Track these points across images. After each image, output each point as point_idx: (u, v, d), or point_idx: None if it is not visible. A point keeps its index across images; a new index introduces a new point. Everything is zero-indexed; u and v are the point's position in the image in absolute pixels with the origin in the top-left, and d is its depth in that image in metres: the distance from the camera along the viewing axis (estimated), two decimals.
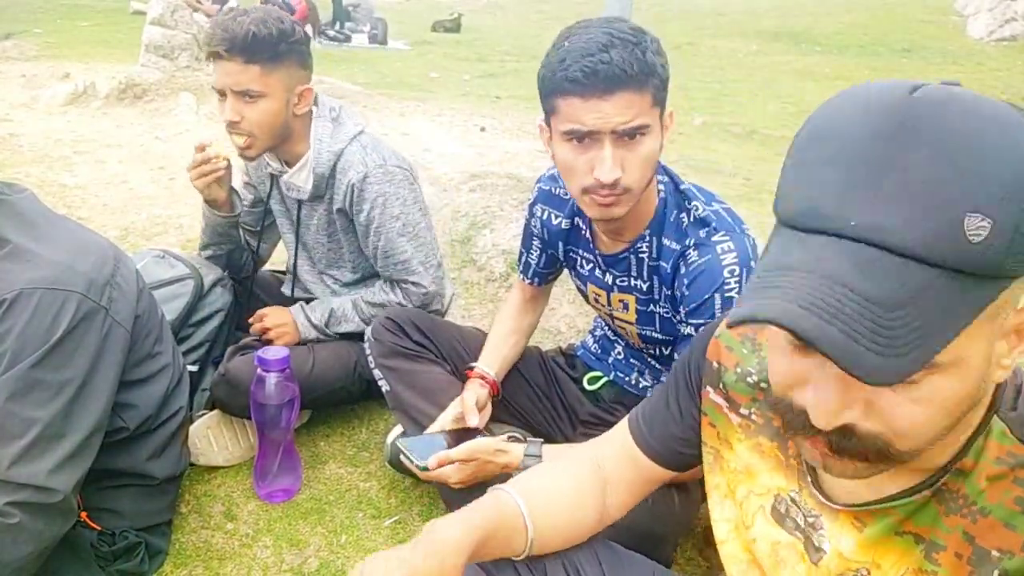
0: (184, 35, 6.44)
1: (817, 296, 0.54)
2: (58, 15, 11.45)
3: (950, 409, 0.60)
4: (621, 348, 1.70)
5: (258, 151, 1.79)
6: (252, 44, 1.66)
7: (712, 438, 0.93)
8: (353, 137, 1.83)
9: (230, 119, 1.72)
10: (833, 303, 0.53)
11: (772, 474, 0.85)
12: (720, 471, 0.93)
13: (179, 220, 3.49)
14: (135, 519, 1.49)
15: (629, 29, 1.22)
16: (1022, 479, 0.63)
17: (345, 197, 1.82)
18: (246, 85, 1.69)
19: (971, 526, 0.65)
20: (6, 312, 1.21)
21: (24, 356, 1.21)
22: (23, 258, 1.25)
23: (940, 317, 0.53)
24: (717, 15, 14.72)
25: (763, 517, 0.86)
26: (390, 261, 1.85)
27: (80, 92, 5.85)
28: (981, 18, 11.67)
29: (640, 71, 1.20)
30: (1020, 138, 0.54)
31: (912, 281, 0.53)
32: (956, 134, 0.54)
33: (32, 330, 1.21)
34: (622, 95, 1.20)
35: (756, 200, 4.17)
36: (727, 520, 0.92)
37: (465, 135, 5.09)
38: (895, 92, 0.58)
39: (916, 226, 0.53)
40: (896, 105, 0.56)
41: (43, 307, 1.22)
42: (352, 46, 10.44)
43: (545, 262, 1.70)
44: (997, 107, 0.57)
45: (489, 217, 3.20)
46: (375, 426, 2.06)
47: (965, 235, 0.52)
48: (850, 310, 0.53)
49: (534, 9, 15.87)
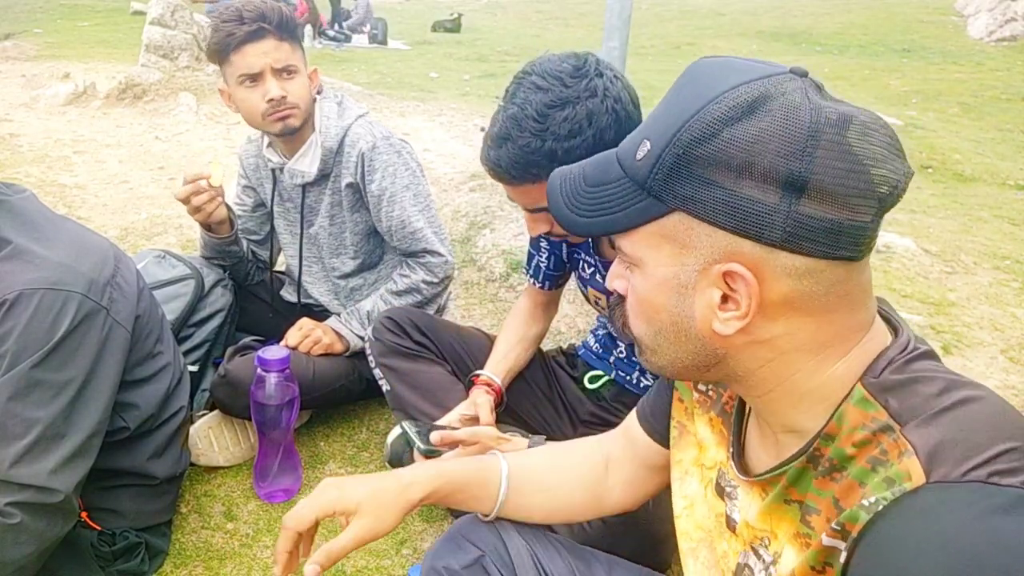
0: (184, 35, 6.45)
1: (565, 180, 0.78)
2: (58, 15, 11.45)
3: (648, 313, 0.73)
4: (623, 347, 1.70)
5: (300, 120, 1.82)
6: (283, 22, 1.73)
7: (680, 412, 0.96)
8: (359, 115, 1.89)
9: (277, 95, 1.74)
10: (569, 186, 0.76)
11: (717, 448, 0.88)
12: (683, 447, 0.94)
13: (179, 220, 3.49)
14: (135, 519, 1.49)
15: (536, 111, 1.19)
16: (882, 443, 0.64)
17: (356, 168, 1.85)
18: (286, 60, 1.75)
19: (839, 490, 0.67)
20: (7, 312, 1.21)
21: (25, 356, 1.21)
22: (24, 258, 1.25)
23: (618, 206, 0.70)
24: (717, 15, 14.72)
25: (711, 490, 0.88)
26: (406, 231, 1.87)
27: (80, 92, 5.86)
28: (981, 18, 11.67)
29: (529, 165, 1.22)
30: (706, 91, 0.66)
31: (611, 173, 0.72)
32: (688, 83, 0.69)
33: (33, 330, 1.21)
34: (519, 187, 1.26)
35: None
36: (684, 496, 0.93)
37: (465, 135, 5.10)
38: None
39: (629, 141, 0.73)
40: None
41: (44, 307, 1.22)
42: (352, 46, 10.45)
43: (554, 263, 1.70)
44: (734, 66, 0.68)
45: (489, 217, 3.20)
46: (375, 426, 2.06)
47: (635, 152, 0.70)
48: (573, 187, 0.76)
49: (534, 9, 15.87)
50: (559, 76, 1.20)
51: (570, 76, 1.20)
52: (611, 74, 1.23)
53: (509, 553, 0.99)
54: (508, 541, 1.01)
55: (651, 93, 8.43)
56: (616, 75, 1.24)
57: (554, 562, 1.01)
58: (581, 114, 1.19)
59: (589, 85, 1.19)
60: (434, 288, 1.92)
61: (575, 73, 1.20)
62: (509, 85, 1.25)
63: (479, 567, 0.98)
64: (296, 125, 1.81)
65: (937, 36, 11.68)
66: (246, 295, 2.18)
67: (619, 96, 1.21)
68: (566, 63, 1.22)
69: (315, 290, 2.10)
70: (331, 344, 1.91)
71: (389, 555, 1.61)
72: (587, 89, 1.19)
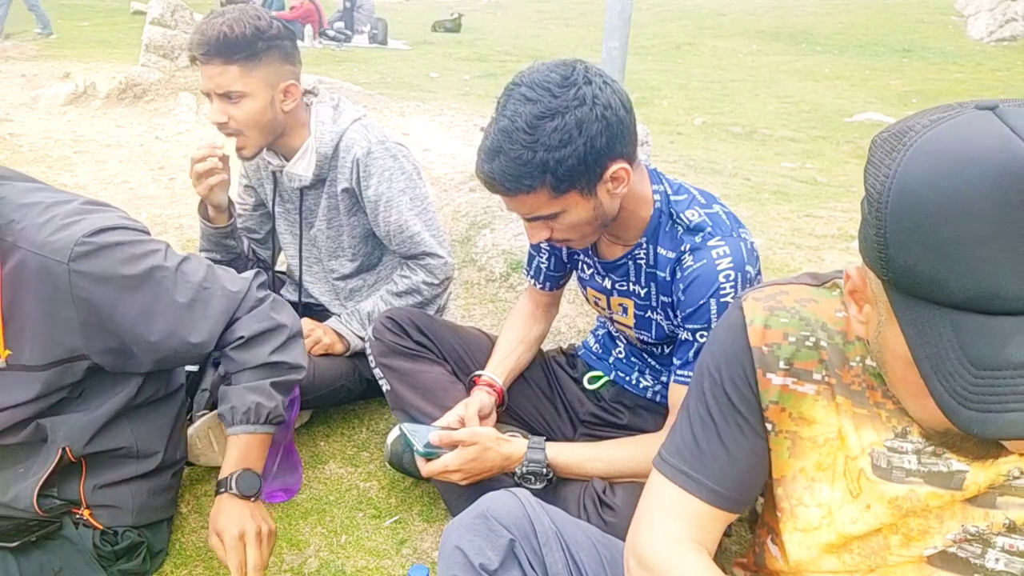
0: (184, 35, 6.45)
1: None
2: (58, 15, 11.45)
3: None
4: (623, 347, 1.70)
5: (253, 150, 1.80)
6: (226, 45, 1.66)
7: (786, 422, 0.89)
8: (354, 120, 1.87)
9: (216, 120, 1.73)
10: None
11: (859, 432, 0.84)
12: (803, 453, 0.89)
13: (179, 220, 3.49)
14: (138, 515, 1.49)
15: (526, 123, 1.20)
16: None
17: (351, 173, 1.84)
18: (227, 86, 1.69)
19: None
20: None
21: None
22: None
23: None
24: (717, 15, 14.73)
25: (866, 480, 0.84)
26: (404, 236, 1.87)
27: (80, 92, 5.86)
28: (981, 18, 11.68)
29: (521, 177, 1.23)
30: None
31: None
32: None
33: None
34: (515, 198, 1.27)
35: (756, 200, 4.18)
36: (820, 505, 0.88)
37: (465, 135, 5.10)
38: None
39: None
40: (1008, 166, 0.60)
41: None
42: (352, 46, 10.45)
43: (555, 264, 1.70)
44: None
45: (489, 217, 3.20)
46: (375, 426, 2.06)
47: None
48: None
49: (534, 9, 15.87)
50: (547, 87, 1.21)
51: (558, 86, 1.21)
52: (600, 80, 1.23)
53: (538, 538, 0.97)
54: (537, 524, 0.98)
55: (651, 93, 8.44)
56: (606, 81, 1.24)
57: (583, 550, 0.99)
58: (570, 123, 1.19)
59: (577, 94, 1.20)
60: (434, 289, 1.93)
61: (563, 83, 1.21)
62: (500, 96, 1.27)
63: (511, 556, 0.95)
64: (248, 155, 1.80)
65: (937, 36, 11.69)
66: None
67: (609, 102, 1.22)
68: (554, 73, 1.22)
69: (315, 290, 2.10)
70: (331, 344, 1.91)
71: (389, 555, 1.61)
72: (575, 98, 1.20)
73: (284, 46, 1.75)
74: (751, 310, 0.89)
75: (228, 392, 1.42)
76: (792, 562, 0.91)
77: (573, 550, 0.98)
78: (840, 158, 5.84)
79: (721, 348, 0.92)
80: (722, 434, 0.91)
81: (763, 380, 0.88)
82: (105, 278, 1.25)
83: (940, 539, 0.82)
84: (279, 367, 1.43)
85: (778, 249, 3.16)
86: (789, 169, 5.34)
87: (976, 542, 0.81)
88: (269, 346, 1.42)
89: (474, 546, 0.94)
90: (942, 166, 0.62)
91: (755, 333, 0.88)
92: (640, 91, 7.72)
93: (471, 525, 0.97)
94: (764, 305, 0.89)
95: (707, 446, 0.91)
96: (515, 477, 1.48)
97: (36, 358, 1.29)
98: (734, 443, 0.90)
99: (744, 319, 0.89)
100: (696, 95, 7.83)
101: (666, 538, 0.90)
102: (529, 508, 1.00)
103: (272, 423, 1.42)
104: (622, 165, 1.26)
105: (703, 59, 10.70)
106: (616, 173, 1.26)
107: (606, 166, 1.25)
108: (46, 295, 1.24)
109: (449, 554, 0.96)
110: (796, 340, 0.86)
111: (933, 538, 0.83)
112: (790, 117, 7.22)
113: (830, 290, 0.88)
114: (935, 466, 0.80)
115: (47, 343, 1.28)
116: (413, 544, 1.64)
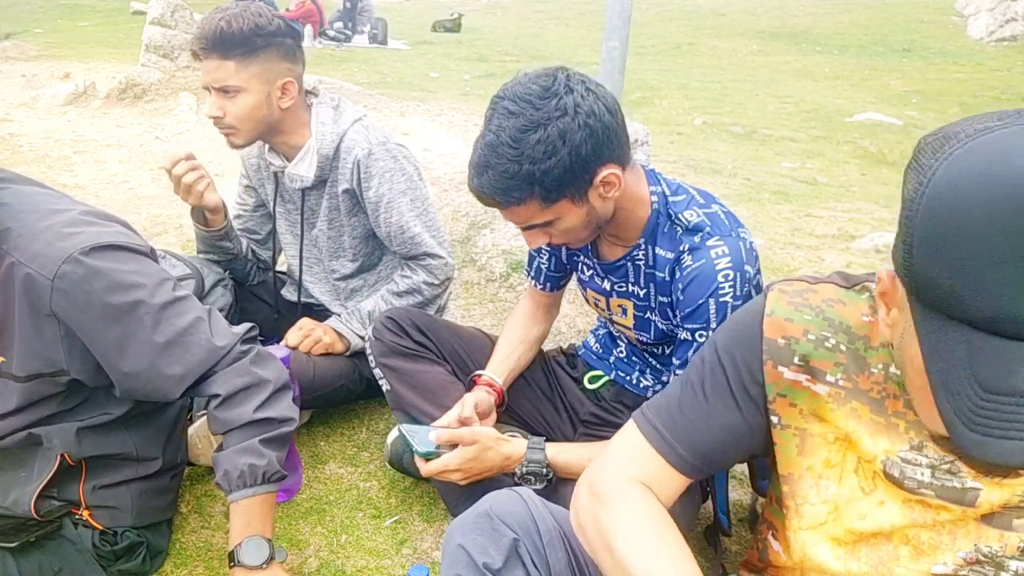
0: (184, 35, 6.45)
1: None
2: (58, 15, 11.46)
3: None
4: (623, 347, 1.70)
5: (244, 140, 1.80)
6: (224, 40, 1.68)
7: (795, 418, 0.89)
8: (355, 120, 1.88)
9: (212, 114, 1.75)
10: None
11: (874, 438, 0.84)
12: (812, 451, 0.89)
13: (179, 220, 3.49)
14: (138, 516, 1.49)
15: (510, 137, 1.21)
16: None
17: (352, 175, 1.84)
18: (223, 81, 1.71)
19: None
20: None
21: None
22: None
23: None
24: (717, 15, 14.73)
25: (881, 482, 0.84)
26: (404, 237, 1.87)
27: (80, 92, 5.86)
28: (981, 18, 11.68)
29: (510, 190, 1.24)
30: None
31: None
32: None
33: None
34: (507, 209, 1.29)
35: (756, 200, 4.18)
36: (826, 502, 0.88)
37: (465, 135, 5.09)
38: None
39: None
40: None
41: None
42: (352, 46, 10.44)
43: (555, 265, 1.70)
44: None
45: (489, 217, 3.19)
46: (375, 426, 2.06)
47: None
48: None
49: (534, 9, 15.87)
50: (528, 99, 1.21)
51: (539, 98, 1.21)
52: (582, 88, 1.23)
53: (542, 538, 0.97)
54: (541, 523, 0.98)
55: (651, 93, 8.43)
56: (588, 87, 1.24)
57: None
58: (553, 135, 1.20)
59: (559, 104, 1.20)
60: (435, 289, 1.93)
61: (543, 94, 1.21)
62: (487, 110, 1.28)
63: (515, 555, 0.94)
64: (238, 143, 1.81)
65: (937, 36, 11.69)
66: (247, 295, 2.18)
67: (592, 109, 1.22)
68: (535, 84, 1.23)
69: (316, 290, 2.10)
70: (332, 344, 1.91)
71: (389, 555, 1.61)
72: (557, 108, 1.20)
73: (284, 43, 1.76)
74: (774, 301, 0.90)
75: (219, 459, 1.35)
76: (796, 559, 0.91)
77: (576, 550, 0.98)
78: (840, 158, 5.84)
79: (735, 328, 0.93)
80: (707, 408, 0.92)
81: (772, 372, 0.88)
82: (86, 303, 1.22)
83: (951, 556, 0.82)
84: (267, 423, 1.35)
85: (778, 249, 3.16)
86: (789, 169, 5.34)
87: (989, 564, 0.80)
88: (252, 403, 1.34)
89: (477, 545, 0.94)
90: (975, 179, 0.61)
91: (771, 324, 0.88)
92: (640, 91, 7.72)
93: (474, 524, 0.97)
94: (789, 300, 0.89)
95: (689, 414, 0.93)
96: (515, 477, 1.48)
97: (18, 369, 1.29)
98: (716, 419, 0.92)
99: (764, 308, 0.90)
100: (696, 95, 7.83)
101: (622, 474, 0.94)
102: (533, 507, 0.99)
103: (270, 481, 1.35)
104: (612, 170, 1.27)
105: (703, 59, 10.70)
106: (607, 178, 1.27)
107: (595, 172, 1.25)
108: (32, 307, 1.23)
109: (452, 553, 0.96)
110: (816, 339, 0.86)
111: (944, 554, 0.82)
112: (790, 117, 7.22)
113: (859, 293, 0.88)
114: (949, 481, 0.80)
115: (29, 355, 1.28)
116: (413, 544, 1.64)
